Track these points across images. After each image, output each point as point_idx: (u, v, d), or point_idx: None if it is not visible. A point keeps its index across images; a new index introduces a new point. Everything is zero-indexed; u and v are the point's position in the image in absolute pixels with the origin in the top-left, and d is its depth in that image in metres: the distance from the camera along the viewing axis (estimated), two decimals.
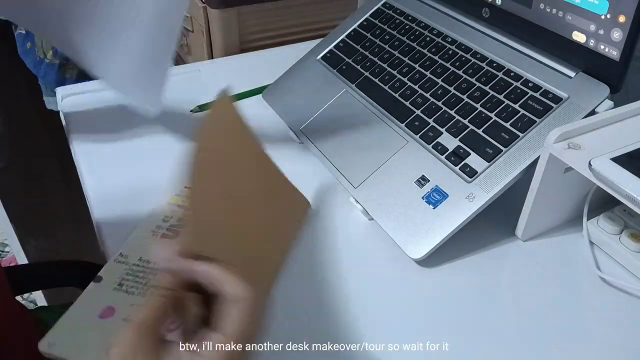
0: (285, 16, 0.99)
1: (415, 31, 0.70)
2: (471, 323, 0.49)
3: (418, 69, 0.66)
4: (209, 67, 0.89)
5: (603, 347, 0.47)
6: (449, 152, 0.56)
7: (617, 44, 0.52)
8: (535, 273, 0.53)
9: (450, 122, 0.58)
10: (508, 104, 0.57)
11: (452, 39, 0.67)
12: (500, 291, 0.52)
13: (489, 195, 0.52)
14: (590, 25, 0.54)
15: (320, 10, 1.01)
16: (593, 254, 0.55)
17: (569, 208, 0.58)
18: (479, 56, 0.63)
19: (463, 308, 0.50)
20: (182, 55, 1.17)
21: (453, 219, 0.52)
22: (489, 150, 0.54)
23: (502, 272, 0.54)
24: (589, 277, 0.53)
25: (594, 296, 0.52)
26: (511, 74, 0.59)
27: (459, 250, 0.54)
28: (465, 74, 0.62)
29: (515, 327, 0.48)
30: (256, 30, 0.98)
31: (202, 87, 0.82)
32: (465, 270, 0.53)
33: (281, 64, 0.77)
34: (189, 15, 1.04)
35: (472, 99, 0.59)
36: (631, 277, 0.53)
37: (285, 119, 0.71)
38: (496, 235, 0.57)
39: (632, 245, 0.53)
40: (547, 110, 0.54)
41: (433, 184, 0.55)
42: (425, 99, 0.62)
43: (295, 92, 0.73)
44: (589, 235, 0.56)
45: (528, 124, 0.54)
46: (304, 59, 0.77)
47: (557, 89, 0.56)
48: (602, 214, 0.56)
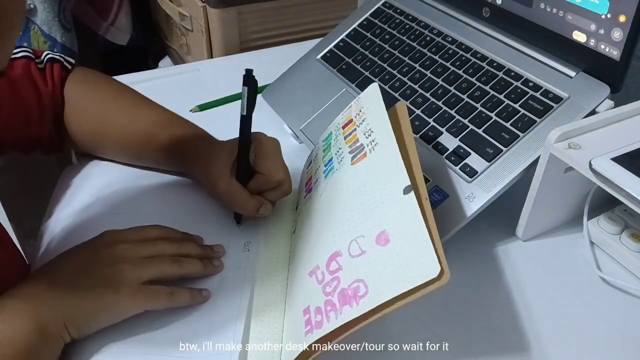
0: (285, 15, 0.99)
1: (415, 31, 0.70)
2: (471, 323, 0.49)
3: (418, 68, 0.66)
4: (209, 66, 0.89)
5: (603, 347, 0.47)
6: (449, 152, 0.56)
7: (618, 44, 0.52)
8: (535, 273, 0.53)
9: (450, 121, 0.58)
10: (508, 104, 0.57)
11: (452, 39, 0.66)
12: (501, 291, 0.52)
13: (489, 195, 0.52)
14: (590, 25, 0.54)
15: (320, 9, 1.01)
16: (593, 254, 0.55)
17: (569, 208, 0.57)
18: (479, 56, 0.63)
19: (463, 308, 0.50)
20: (182, 55, 1.17)
21: (453, 219, 0.52)
22: (489, 150, 0.54)
23: (502, 272, 0.54)
24: (590, 277, 0.53)
25: (594, 296, 0.51)
26: (511, 74, 0.59)
27: (459, 251, 0.54)
28: (466, 73, 0.62)
29: (515, 327, 0.48)
30: (256, 29, 0.98)
31: (201, 86, 0.82)
32: (466, 271, 0.53)
33: (281, 64, 0.77)
34: (188, 14, 1.04)
35: (472, 98, 0.59)
36: (632, 277, 0.53)
37: (285, 118, 0.71)
38: (496, 235, 0.57)
39: (633, 245, 0.53)
40: (547, 110, 0.54)
41: (433, 184, 0.55)
42: (425, 99, 0.62)
43: (295, 92, 0.73)
44: (590, 235, 0.56)
45: (528, 123, 0.54)
46: (303, 59, 0.76)
47: (557, 88, 0.56)
48: (603, 214, 0.56)
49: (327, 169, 0.54)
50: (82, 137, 0.62)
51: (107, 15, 1.16)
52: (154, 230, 0.52)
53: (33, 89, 0.59)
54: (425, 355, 0.46)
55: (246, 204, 0.53)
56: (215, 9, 0.94)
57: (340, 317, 0.39)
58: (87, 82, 0.63)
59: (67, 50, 1.08)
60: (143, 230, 0.51)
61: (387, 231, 0.41)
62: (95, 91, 0.62)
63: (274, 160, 0.55)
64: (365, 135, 0.51)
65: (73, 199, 0.61)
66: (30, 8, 1.01)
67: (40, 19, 1.02)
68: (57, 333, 0.42)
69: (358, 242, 0.43)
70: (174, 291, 0.47)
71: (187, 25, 1.06)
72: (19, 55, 0.59)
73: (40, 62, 0.60)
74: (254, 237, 0.55)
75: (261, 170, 0.54)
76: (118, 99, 0.62)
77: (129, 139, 0.61)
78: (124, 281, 0.45)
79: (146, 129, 0.60)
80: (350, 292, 0.40)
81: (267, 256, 0.53)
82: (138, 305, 0.45)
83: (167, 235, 0.52)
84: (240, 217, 0.57)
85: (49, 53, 0.62)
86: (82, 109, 0.61)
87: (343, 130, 0.56)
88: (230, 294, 0.49)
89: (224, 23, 0.95)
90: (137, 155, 0.62)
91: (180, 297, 0.47)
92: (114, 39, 1.19)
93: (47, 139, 0.61)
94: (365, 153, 0.50)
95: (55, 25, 1.04)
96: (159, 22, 1.25)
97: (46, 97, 0.59)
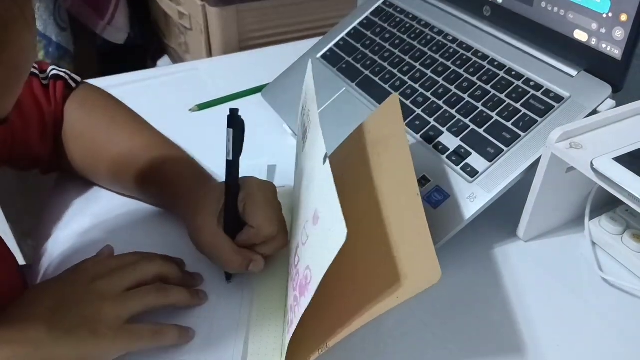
0: (284, 14, 0.99)
1: (416, 29, 0.70)
2: (471, 323, 0.48)
3: (419, 67, 0.65)
4: (208, 65, 0.89)
5: (605, 348, 0.47)
6: (450, 152, 0.56)
7: (619, 43, 0.52)
8: (536, 274, 0.53)
9: (451, 121, 0.58)
10: (509, 103, 0.56)
11: (453, 38, 0.66)
12: (501, 291, 0.51)
13: (490, 195, 0.52)
14: (592, 23, 0.53)
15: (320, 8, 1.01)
16: (595, 255, 0.55)
17: (570, 208, 0.57)
18: (480, 55, 0.62)
19: (463, 308, 0.50)
20: (181, 54, 1.17)
21: (454, 219, 0.52)
22: (490, 149, 0.54)
23: (503, 272, 0.53)
24: (591, 277, 0.53)
25: (595, 297, 0.51)
26: (512, 73, 0.59)
27: (459, 251, 0.54)
28: (466, 72, 0.61)
29: (516, 328, 0.48)
30: (255, 28, 0.98)
31: (200, 85, 0.82)
32: (466, 271, 0.53)
33: (280, 63, 0.76)
34: (187, 13, 1.04)
35: (473, 98, 0.59)
36: (633, 277, 0.53)
37: (285, 117, 0.71)
38: (497, 235, 0.57)
39: (634, 245, 0.53)
40: (548, 110, 0.54)
41: (434, 184, 0.54)
42: (426, 98, 0.62)
43: (295, 91, 0.72)
44: (591, 236, 0.55)
45: (530, 123, 0.54)
46: (303, 58, 0.76)
47: (558, 88, 0.55)
48: (604, 214, 0.55)
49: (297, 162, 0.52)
50: (76, 162, 0.60)
51: (104, 14, 1.16)
52: (133, 257, 0.49)
53: (36, 107, 0.57)
54: (425, 355, 0.46)
55: (230, 261, 0.48)
56: (214, 8, 0.93)
57: (299, 309, 0.38)
58: (85, 103, 0.60)
59: (62, 50, 1.07)
60: (122, 258, 0.49)
61: (317, 209, 0.39)
62: (90, 116, 0.60)
63: (266, 211, 0.49)
64: (307, 117, 0.49)
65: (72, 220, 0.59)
66: None
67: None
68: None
69: (305, 229, 0.41)
70: (160, 330, 0.44)
71: (186, 23, 1.05)
72: None
73: (45, 78, 0.59)
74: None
75: (250, 222, 0.48)
76: (111, 126, 0.59)
77: (118, 170, 0.58)
78: (103, 322, 0.42)
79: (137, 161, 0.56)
80: (304, 281, 0.39)
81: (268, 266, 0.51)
82: (119, 349, 0.43)
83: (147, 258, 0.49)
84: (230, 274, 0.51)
85: (54, 68, 0.60)
86: (77, 134, 0.59)
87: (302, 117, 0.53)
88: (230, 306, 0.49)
89: (223, 22, 0.94)
90: (126, 186, 0.59)
91: (166, 336, 0.45)
92: (111, 37, 1.19)
93: (46, 158, 0.60)
94: (307, 136, 0.47)
95: (50, 25, 1.03)
96: (158, 20, 1.25)
97: (49, 116, 0.58)
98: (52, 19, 1.03)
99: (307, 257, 0.39)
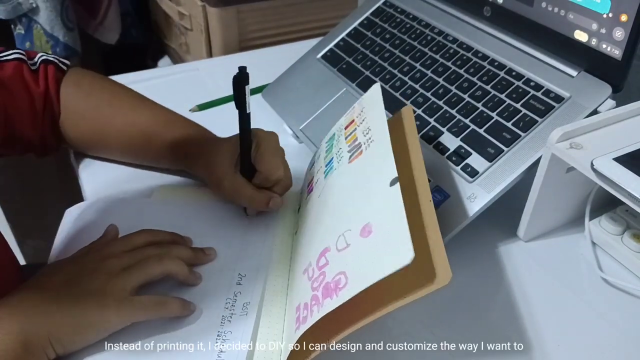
0: (284, 14, 0.99)
1: (416, 30, 0.70)
2: (472, 323, 0.48)
3: (419, 68, 0.65)
4: (208, 65, 0.89)
5: (605, 348, 0.47)
6: (450, 152, 0.56)
7: (619, 43, 0.52)
8: (536, 274, 0.53)
9: (451, 121, 0.58)
10: (510, 104, 0.56)
11: (453, 38, 0.66)
12: (502, 292, 0.51)
13: (490, 195, 0.52)
14: (592, 24, 0.54)
15: (320, 8, 1.01)
16: (595, 255, 0.55)
17: (570, 208, 0.57)
18: (480, 55, 0.62)
19: (464, 308, 0.50)
20: (181, 54, 1.17)
21: (454, 219, 0.52)
22: (490, 150, 0.54)
23: (503, 272, 0.53)
24: (591, 277, 0.53)
25: (595, 297, 0.51)
26: (513, 73, 0.59)
27: (460, 251, 0.54)
28: (467, 73, 0.61)
29: (516, 328, 0.48)
30: (255, 28, 0.98)
31: (201, 86, 0.82)
32: (467, 271, 0.53)
33: (281, 63, 0.76)
34: (187, 13, 1.04)
35: (473, 98, 0.59)
36: (633, 277, 0.53)
37: (285, 118, 0.71)
38: (497, 235, 0.57)
39: (635, 245, 0.53)
40: (549, 110, 0.54)
41: (434, 184, 0.54)
42: (426, 98, 0.62)
43: (295, 92, 0.72)
44: (591, 236, 0.55)
45: (530, 123, 0.54)
46: (304, 58, 0.76)
47: (559, 88, 0.55)
48: (604, 215, 0.55)
49: (327, 169, 0.54)
50: (80, 141, 0.62)
51: (97, 13, 1.15)
52: (140, 237, 0.51)
53: (24, 90, 0.58)
54: (425, 355, 0.46)
55: (254, 198, 0.54)
56: (214, 8, 0.93)
57: (321, 309, 0.39)
58: (81, 85, 0.62)
59: (69, 50, 1.07)
60: (130, 239, 0.50)
61: (371, 223, 0.41)
62: (90, 95, 0.61)
63: (272, 157, 0.55)
64: (363, 134, 0.51)
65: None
66: (32, 7, 1.01)
67: (43, 18, 1.02)
68: (41, 349, 0.41)
69: (345, 236, 0.43)
70: (163, 301, 0.46)
71: (186, 24, 1.05)
72: (11, 57, 0.59)
73: (33, 64, 0.60)
74: (257, 239, 0.55)
75: (260, 168, 0.54)
76: (114, 103, 0.61)
77: (128, 142, 0.61)
78: (109, 293, 0.44)
79: (145, 129, 0.60)
80: (333, 284, 0.40)
81: (270, 258, 0.52)
82: (124, 319, 0.44)
83: (154, 239, 0.51)
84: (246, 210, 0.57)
85: (43, 55, 0.61)
86: (79, 115, 0.60)
87: (345, 130, 0.55)
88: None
89: (223, 22, 0.94)
90: (138, 156, 0.62)
91: (169, 307, 0.46)
92: (103, 37, 1.18)
93: (39, 142, 0.61)
94: (361, 151, 0.49)
95: (57, 25, 1.03)
96: (158, 21, 1.25)
97: (38, 98, 0.59)
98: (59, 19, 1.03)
99: (343, 264, 0.41)
